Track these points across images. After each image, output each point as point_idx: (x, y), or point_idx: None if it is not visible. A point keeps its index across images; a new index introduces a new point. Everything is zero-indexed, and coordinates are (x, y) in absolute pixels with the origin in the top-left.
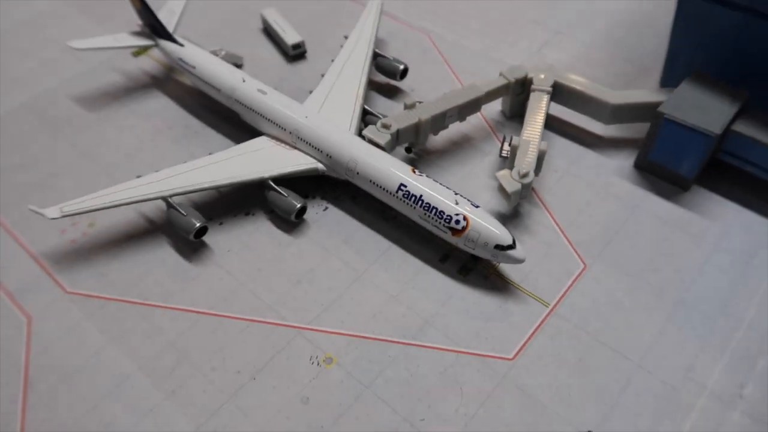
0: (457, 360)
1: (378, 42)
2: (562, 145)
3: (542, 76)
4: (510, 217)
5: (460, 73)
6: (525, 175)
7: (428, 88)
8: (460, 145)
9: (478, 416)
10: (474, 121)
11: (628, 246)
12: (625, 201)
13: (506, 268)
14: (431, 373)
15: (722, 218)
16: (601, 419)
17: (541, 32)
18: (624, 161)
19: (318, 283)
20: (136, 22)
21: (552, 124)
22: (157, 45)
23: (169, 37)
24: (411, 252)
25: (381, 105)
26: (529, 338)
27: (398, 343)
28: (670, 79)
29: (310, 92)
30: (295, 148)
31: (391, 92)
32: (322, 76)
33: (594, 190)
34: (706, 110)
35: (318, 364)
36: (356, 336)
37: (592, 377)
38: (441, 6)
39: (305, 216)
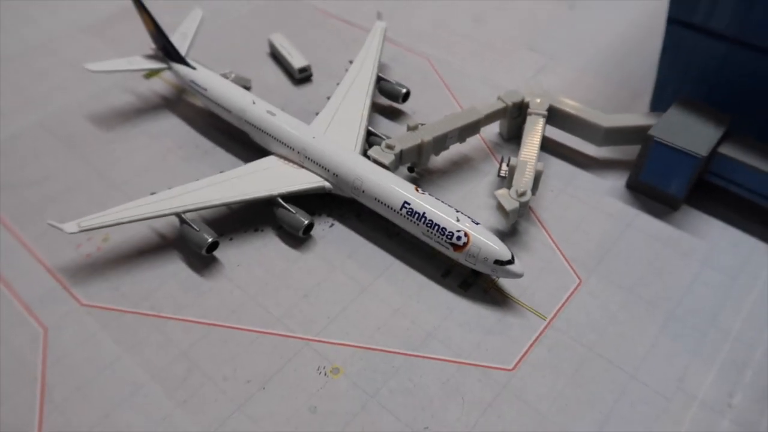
0: (459, 371)
1: (381, 66)
2: (557, 165)
3: (538, 100)
4: (508, 234)
5: (459, 97)
6: (523, 194)
7: (429, 111)
8: (461, 166)
9: (479, 425)
10: (473, 142)
11: (621, 262)
12: (617, 219)
13: (505, 282)
14: (434, 383)
15: (710, 236)
16: (596, 428)
17: (537, 58)
18: (616, 181)
19: (324, 296)
20: (149, 45)
21: (548, 145)
22: (170, 68)
23: (182, 61)
24: (414, 267)
25: (384, 126)
26: (528, 350)
27: (402, 354)
28: (659, 104)
29: (317, 114)
30: (303, 167)
31: (394, 114)
32: (328, 98)
33: (588, 209)
34: (692, 133)
35: (325, 374)
36: (362, 347)
37: (588, 387)
38: (441, 32)
39: (312, 232)
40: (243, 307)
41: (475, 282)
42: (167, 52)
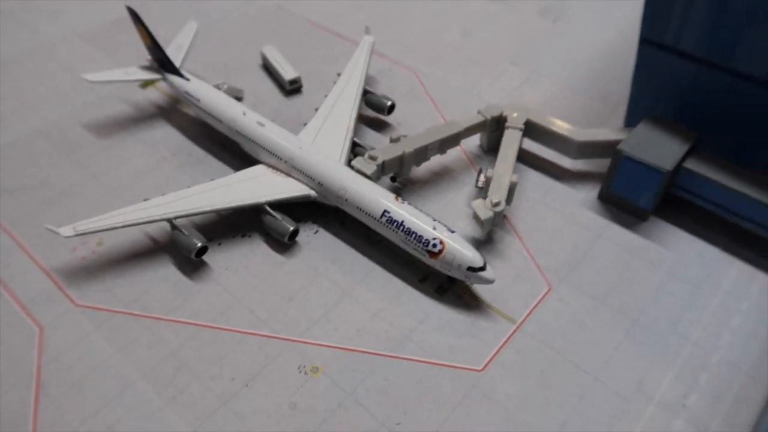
0: (432, 371)
1: (368, 79)
2: (534, 177)
3: (515, 114)
4: (484, 243)
5: (443, 109)
6: (497, 204)
7: (413, 123)
8: (441, 176)
9: (449, 422)
10: (454, 154)
11: (591, 271)
12: (589, 230)
13: (478, 288)
14: (408, 382)
15: (676, 247)
16: (560, 427)
17: (520, 73)
18: (589, 193)
19: (308, 300)
20: (145, 56)
21: (525, 158)
22: (164, 79)
23: (176, 72)
24: (393, 273)
25: (370, 137)
26: (498, 352)
27: (379, 355)
28: (632, 120)
29: (305, 125)
30: (290, 176)
31: (380, 126)
32: (316, 110)
33: (562, 219)
34: (659, 149)
35: (305, 373)
36: (341, 348)
37: (553, 388)
38: (428, 46)
39: (297, 238)
40: (230, 309)
41: (451, 287)
42: (162, 63)
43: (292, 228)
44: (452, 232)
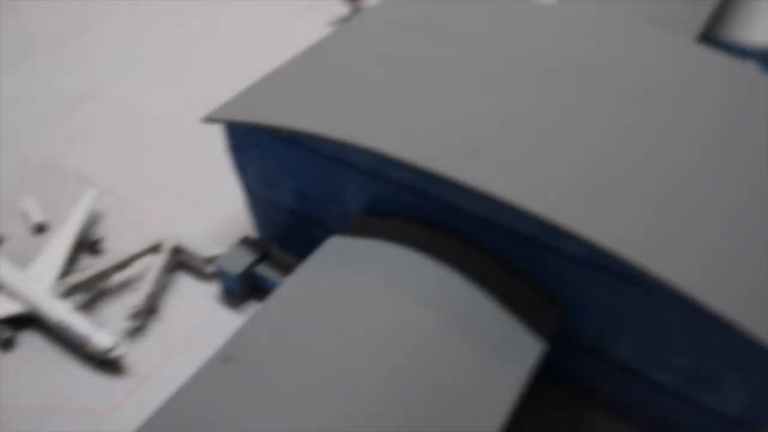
0: (83, 413)
1: (98, 214)
2: (189, 282)
3: (167, 243)
4: (138, 329)
5: (146, 235)
6: (135, 306)
7: (124, 248)
8: (127, 286)
9: None
10: (140, 266)
11: (202, 338)
12: (209, 311)
13: (127, 359)
14: (68, 420)
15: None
16: None
17: (204, 207)
18: (219, 287)
19: (17, 379)
20: None
21: (190, 268)
22: None
23: None
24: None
25: (86, 262)
26: (126, 398)
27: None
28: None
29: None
30: (15, 300)
31: (96, 252)
32: (47, 250)
33: (196, 306)
34: (238, 259)
35: None
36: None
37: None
38: (153, 189)
39: (21, 340)
40: None
41: (111, 360)
42: None
43: (7, 336)
44: (100, 329)
